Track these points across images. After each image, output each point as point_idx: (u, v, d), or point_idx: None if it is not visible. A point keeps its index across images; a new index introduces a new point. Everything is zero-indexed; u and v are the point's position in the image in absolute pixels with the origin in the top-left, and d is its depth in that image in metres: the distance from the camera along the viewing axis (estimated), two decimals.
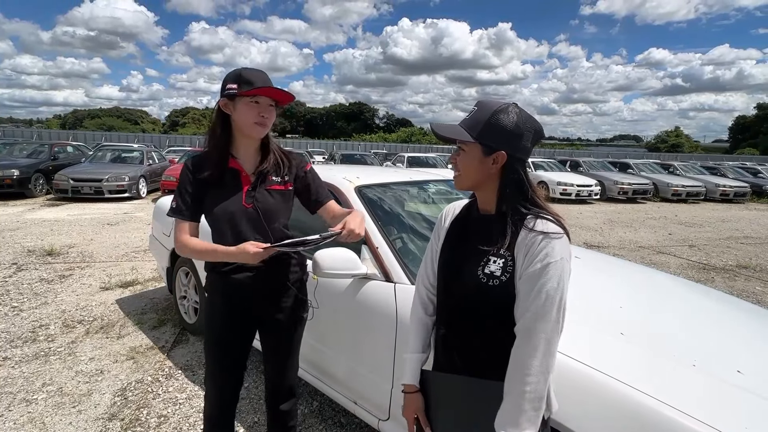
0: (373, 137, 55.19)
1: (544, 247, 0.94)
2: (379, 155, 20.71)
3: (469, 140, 1.00)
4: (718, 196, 15.15)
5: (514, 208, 1.01)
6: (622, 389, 1.17)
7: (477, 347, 1.05)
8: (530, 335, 0.93)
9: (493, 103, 1.01)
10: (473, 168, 1.03)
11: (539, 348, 0.92)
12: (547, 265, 0.93)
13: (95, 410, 2.30)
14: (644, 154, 43.14)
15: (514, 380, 0.95)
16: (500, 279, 0.98)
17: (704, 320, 1.80)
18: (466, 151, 1.03)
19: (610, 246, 7.00)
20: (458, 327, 1.08)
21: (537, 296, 0.93)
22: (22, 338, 3.07)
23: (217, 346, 1.55)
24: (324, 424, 2.27)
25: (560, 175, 13.86)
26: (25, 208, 8.71)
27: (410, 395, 1.16)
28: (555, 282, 0.93)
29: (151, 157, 12.11)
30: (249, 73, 1.38)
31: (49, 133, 34.12)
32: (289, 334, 1.62)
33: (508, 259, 0.99)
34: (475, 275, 1.01)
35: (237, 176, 1.44)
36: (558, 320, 0.94)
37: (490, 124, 0.99)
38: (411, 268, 1.85)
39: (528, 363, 0.93)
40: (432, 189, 2.81)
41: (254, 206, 1.43)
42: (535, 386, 0.93)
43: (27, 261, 4.95)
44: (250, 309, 1.53)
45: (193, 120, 67.38)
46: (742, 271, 5.70)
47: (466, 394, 1.06)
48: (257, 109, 1.38)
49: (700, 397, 1.19)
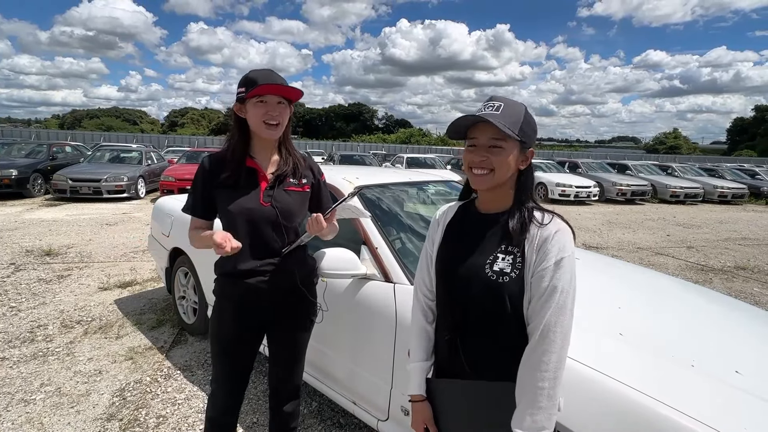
0: (372, 138, 55.16)
1: (556, 243, 0.96)
2: (378, 156, 20.70)
3: (514, 137, 0.99)
4: (716, 198, 15.19)
5: (527, 205, 1.03)
6: (620, 389, 1.18)
7: (487, 349, 1.04)
8: (547, 331, 0.94)
9: (515, 101, 1.02)
10: (510, 165, 1.02)
11: (556, 342, 0.93)
12: (561, 259, 0.95)
13: (94, 410, 2.29)
14: (643, 156, 43.24)
15: (531, 377, 0.94)
16: (510, 275, 0.98)
17: (703, 321, 1.80)
18: (504, 148, 1.00)
19: (608, 247, 7.02)
20: (467, 330, 1.06)
21: (553, 291, 0.94)
22: (20, 338, 3.06)
23: (226, 351, 1.54)
24: (323, 424, 2.26)
25: (559, 176, 13.88)
26: (23, 208, 8.69)
27: (418, 405, 1.14)
28: (568, 276, 0.95)
29: (149, 158, 12.09)
30: (254, 73, 1.38)
31: (47, 133, 34.05)
32: (298, 337, 1.62)
33: (517, 255, 0.99)
34: (483, 274, 1.00)
35: (254, 175, 1.45)
36: (572, 314, 0.95)
37: (527, 122, 1.01)
38: (410, 268, 1.85)
39: (545, 359, 0.93)
40: (431, 190, 2.82)
41: (272, 205, 1.44)
42: (552, 382, 0.93)
43: (25, 261, 4.94)
44: (261, 313, 1.52)
45: (192, 120, 67.34)
46: (740, 272, 5.72)
47: (474, 397, 1.05)
48: (264, 108, 1.37)
49: (699, 397, 1.19)
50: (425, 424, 1.13)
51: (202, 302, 3.00)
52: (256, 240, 1.43)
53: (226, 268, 1.49)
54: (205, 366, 2.78)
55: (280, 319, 1.56)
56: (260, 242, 1.44)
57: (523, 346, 0.98)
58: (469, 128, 1.04)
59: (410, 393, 1.15)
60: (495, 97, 1.03)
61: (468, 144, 1.05)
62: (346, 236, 2.03)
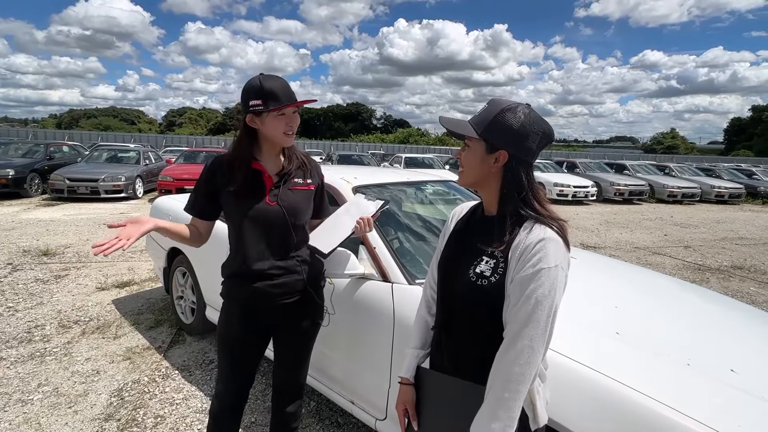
0: (371, 138, 55.10)
1: (537, 252, 0.92)
2: (377, 156, 20.70)
3: (473, 135, 1.00)
4: (713, 198, 15.25)
5: (514, 210, 1.00)
6: (617, 388, 1.18)
7: (465, 348, 1.05)
8: (515, 340, 0.91)
9: (503, 101, 1.01)
10: (475, 165, 1.03)
11: (523, 354, 0.90)
12: (539, 270, 0.91)
13: (91, 410, 2.29)
14: (640, 156, 43.28)
15: (494, 385, 0.93)
16: (489, 279, 0.97)
17: (699, 320, 1.81)
18: (470, 147, 1.03)
19: (606, 247, 7.04)
20: (450, 327, 1.08)
21: (526, 301, 0.90)
22: (17, 338, 3.05)
23: (232, 353, 1.55)
24: (321, 424, 2.27)
25: (557, 176, 13.91)
26: (20, 208, 8.66)
27: (403, 387, 1.18)
28: (546, 289, 0.90)
29: (147, 157, 12.07)
30: (271, 85, 1.35)
31: (44, 132, 33.87)
32: (304, 339, 1.62)
33: (500, 260, 0.98)
34: (466, 276, 1.01)
35: (260, 176, 1.46)
36: (546, 328, 0.91)
37: (496, 122, 0.99)
38: (408, 268, 1.86)
39: (509, 369, 0.91)
40: (429, 189, 2.82)
41: (278, 204, 1.45)
42: (514, 394, 0.90)
43: (22, 261, 4.93)
44: (268, 315, 1.53)
45: (190, 120, 67.19)
46: (736, 272, 5.74)
47: (454, 394, 1.06)
48: (285, 120, 1.39)
49: (695, 395, 1.20)
50: (405, 406, 1.17)
51: (200, 302, 3.00)
52: (265, 240, 1.44)
53: (233, 270, 1.49)
54: (203, 366, 2.78)
55: (287, 321, 1.56)
56: (269, 242, 1.45)
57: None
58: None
59: (400, 375, 1.20)
60: (493, 99, 1.04)
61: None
62: None
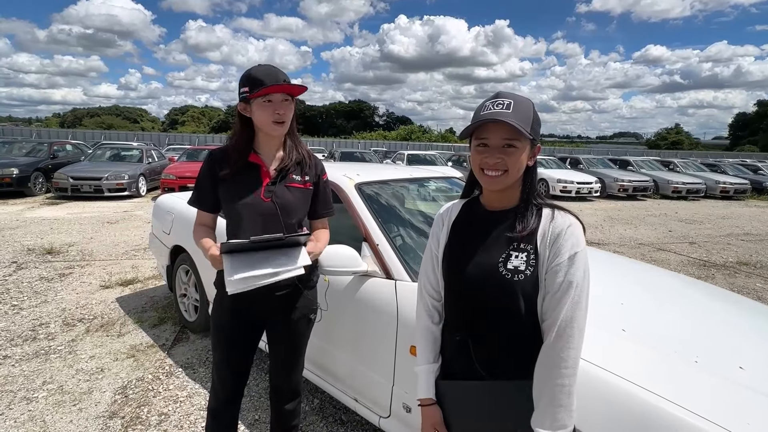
0: (373, 135, 54.96)
1: (569, 237, 0.95)
2: (379, 153, 20.66)
3: (528, 136, 0.96)
4: (718, 193, 15.13)
5: (533, 200, 1.02)
6: (623, 386, 1.17)
7: (500, 348, 1.01)
8: (564, 327, 0.93)
9: (523, 97, 0.99)
10: (522, 165, 0.99)
11: (574, 338, 0.93)
12: (575, 254, 0.94)
13: (96, 408, 2.30)
14: (644, 152, 43.06)
15: (550, 375, 0.93)
16: (524, 273, 0.96)
17: (705, 317, 1.80)
18: (518, 147, 0.97)
19: (610, 243, 7.00)
20: (480, 330, 1.03)
21: (569, 287, 0.93)
22: (22, 336, 3.07)
23: (224, 343, 1.56)
24: (325, 421, 2.27)
25: (560, 172, 13.83)
26: (24, 206, 8.70)
27: (426, 409, 1.09)
28: (581, 271, 0.94)
29: (150, 156, 12.09)
30: (257, 72, 1.38)
31: (48, 131, 33.97)
32: (296, 335, 1.62)
33: (530, 252, 0.97)
34: (498, 274, 0.98)
35: (257, 171, 1.46)
36: (587, 309, 0.95)
37: (536, 119, 0.99)
38: (411, 265, 1.85)
39: (563, 356, 0.92)
40: (432, 186, 2.81)
41: (272, 200, 1.44)
42: (572, 379, 0.92)
43: (27, 259, 4.95)
44: (259, 308, 1.53)
45: (193, 118, 67.23)
46: (742, 268, 5.70)
47: (489, 398, 1.02)
48: (271, 107, 1.38)
49: (702, 393, 1.18)
50: (435, 429, 1.08)
51: (204, 300, 3.00)
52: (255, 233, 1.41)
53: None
54: (207, 363, 2.78)
55: (279, 316, 1.56)
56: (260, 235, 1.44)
57: (536, 344, 0.97)
58: (477, 128, 0.99)
59: (419, 397, 1.11)
60: (502, 94, 0.99)
61: (477, 144, 1.00)
62: (346, 233, 2.03)
